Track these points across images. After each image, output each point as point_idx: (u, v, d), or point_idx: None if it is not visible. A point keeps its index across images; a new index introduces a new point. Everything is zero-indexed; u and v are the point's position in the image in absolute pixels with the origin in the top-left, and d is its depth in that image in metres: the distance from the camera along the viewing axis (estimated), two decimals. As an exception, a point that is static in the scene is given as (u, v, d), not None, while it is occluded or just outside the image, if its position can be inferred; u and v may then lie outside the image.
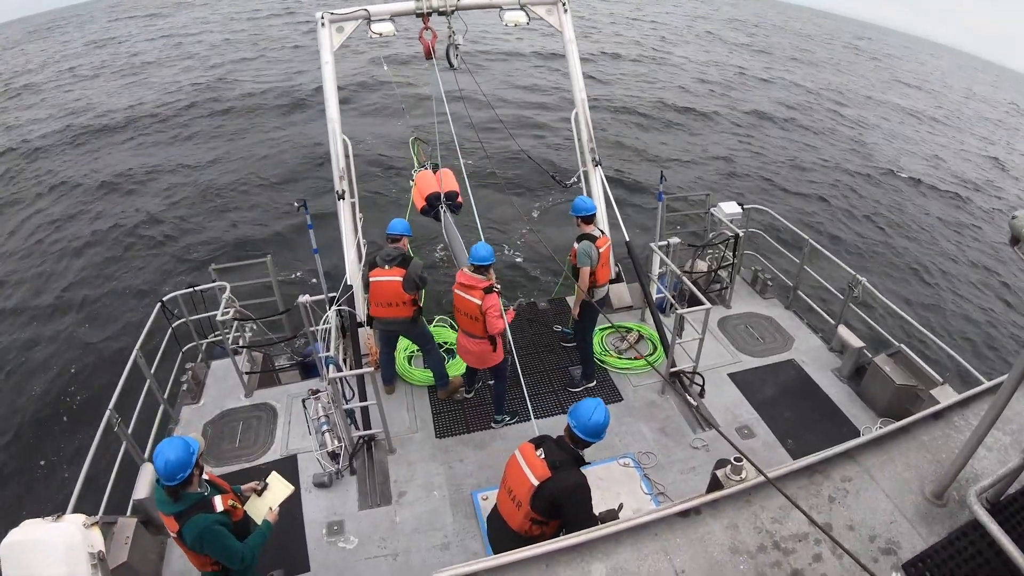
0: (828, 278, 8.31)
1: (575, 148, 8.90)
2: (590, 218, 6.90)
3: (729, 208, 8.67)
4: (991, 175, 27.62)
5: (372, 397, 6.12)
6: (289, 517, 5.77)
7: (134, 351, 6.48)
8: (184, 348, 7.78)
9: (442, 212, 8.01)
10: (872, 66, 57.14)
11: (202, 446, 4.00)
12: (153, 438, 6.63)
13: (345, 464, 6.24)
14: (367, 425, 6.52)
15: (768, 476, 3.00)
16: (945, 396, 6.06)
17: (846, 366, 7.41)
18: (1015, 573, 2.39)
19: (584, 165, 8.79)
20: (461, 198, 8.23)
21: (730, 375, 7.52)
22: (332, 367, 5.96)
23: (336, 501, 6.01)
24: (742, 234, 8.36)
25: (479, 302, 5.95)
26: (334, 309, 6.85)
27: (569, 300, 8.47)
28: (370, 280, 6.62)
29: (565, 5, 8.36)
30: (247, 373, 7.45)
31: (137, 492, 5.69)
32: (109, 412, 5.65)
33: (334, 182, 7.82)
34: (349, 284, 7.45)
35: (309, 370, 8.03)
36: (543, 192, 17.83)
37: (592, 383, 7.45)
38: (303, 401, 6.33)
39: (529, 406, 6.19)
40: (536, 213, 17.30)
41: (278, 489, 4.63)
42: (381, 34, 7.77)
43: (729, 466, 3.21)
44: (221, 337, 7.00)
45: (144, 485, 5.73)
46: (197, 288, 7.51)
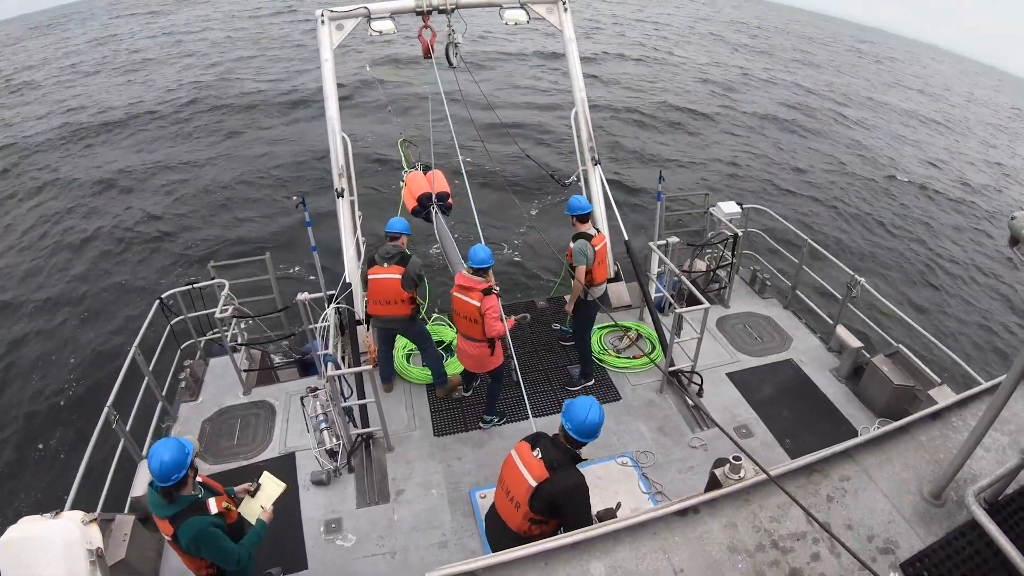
0: (827, 278, 8.31)
1: (574, 147, 8.90)
2: (585, 217, 6.91)
3: (728, 208, 8.66)
4: (992, 178, 27.67)
5: (370, 395, 6.12)
6: (287, 515, 5.77)
7: (132, 348, 6.47)
8: (183, 345, 7.76)
9: (434, 213, 8.00)
10: (874, 69, 57.19)
11: (196, 447, 3.98)
12: (151, 435, 6.62)
13: (343, 462, 6.23)
14: (365, 423, 6.52)
15: (769, 474, 3.00)
16: (943, 397, 6.07)
17: (844, 366, 7.42)
18: (1013, 573, 2.39)
19: (583, 164, 8.80)
20: (452, 199, 8.21)
21: (728, 375, 7.52)
22: (331, 365, 5.96)
23: (334, 499, 6.00)
24: (741, 234, 8.36)
25: (478, 304, 5.94)
26: (333, 307, 6.86)
27: (568, 299, 8.48)
28: (368, 278, 6.62)
29: (565, 4, 8.37)
30: (245, 371, 7.45)
31: (135, 489, 5.69)
32: (107, 409, 5.64)
33: (333, 180, 7.83)
34: (348, 282, 7.44)
35: (307, 368, 8.03)
36: (542, 191, 17.83)
37: (590, 382, 7.45)
38: (301, 399, 6.31)
39: (527, 405, 6.19)
40: (535, 212, 17.31)
41: (271, 488, 4.62)
42: (381, 32, 7.75)
43: (728, 465, 3.21)
44: (219, 334, 7.00)
45: (142, 482, 5.74)
46: (196, 285, 7.50)
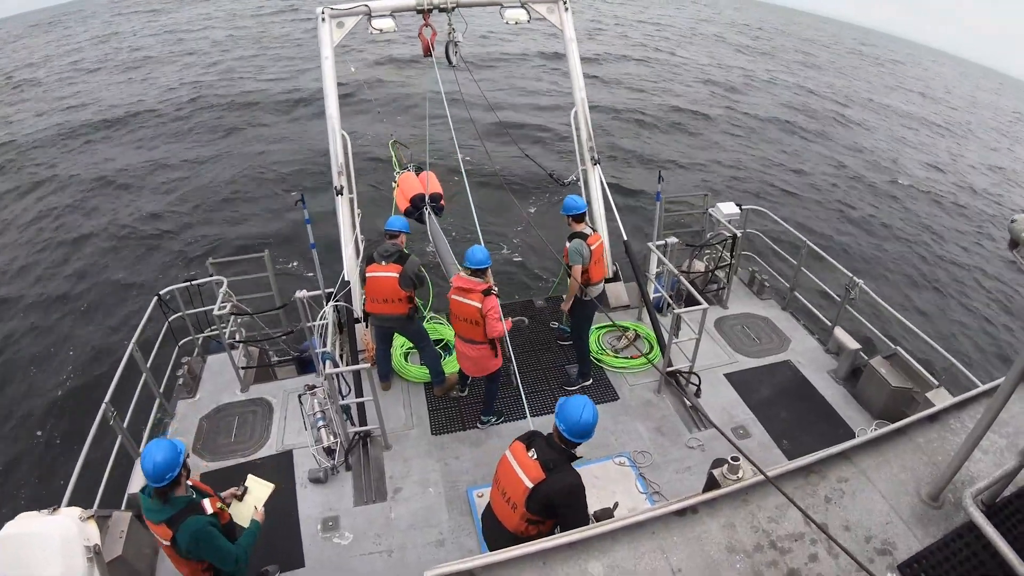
0: (825, 280, 8.32)
1: (574, 147, 8.90)
2: (580, 216, 6.92)
3: (727, 209, 8.66)
4: (992, 182, 27.70)
5: (368, 393, 6.12)
6: (284, 513, 5.78)
7: (130, 345, 6.46)
8: (180, 342, 7.76)
9: (427, 214, 7.99)
10: (875, 71, 57.38)
11: (187, 449, 3.98)
12: (148, 432, 6.61)
13: (341, 460, 6.23)
14: (363, 421, 6.51)
15: (767, 475, 3.01)
16: (940, 399, 6.08)
17: (842, 368, 7.43)
18: (1010, 575, 2.39)
19: (583, 164, 8.80)
20: (444, 200, 8.23)
21: (726, 375, 7.52)
22: (329, 363, 5.96)
23: (331, 497, 6.00)
24: (740, 235, 8.36)
25: (479, 306, 5.90)
26: (331, 305, 6.84)
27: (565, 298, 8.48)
28: (367, 275, 6.62)
29: (566, 4, 8.37)
30: (243, 368, 7.44)
31: (132, 486, 5.69)
32: (104, 405, 5.63)
33: (333, 178, 7.82)
34: (347, 280, 7.44)
35: (305, 365, 8.02)
36: (541, 191, 17.83)
37: (588, 381, 7.46)
38: (299, 396, 6.32)
39: (525, 404, 6.19)
40: (534, 211, 17.31)
41: (259, 490, 4.61)
42: (382, 30, 7.74)
43: (726, 465, 3.21)
44: (218, 331, 6.99)
45: (139, 479, 5.73)
46: (194, 282, 7.49)
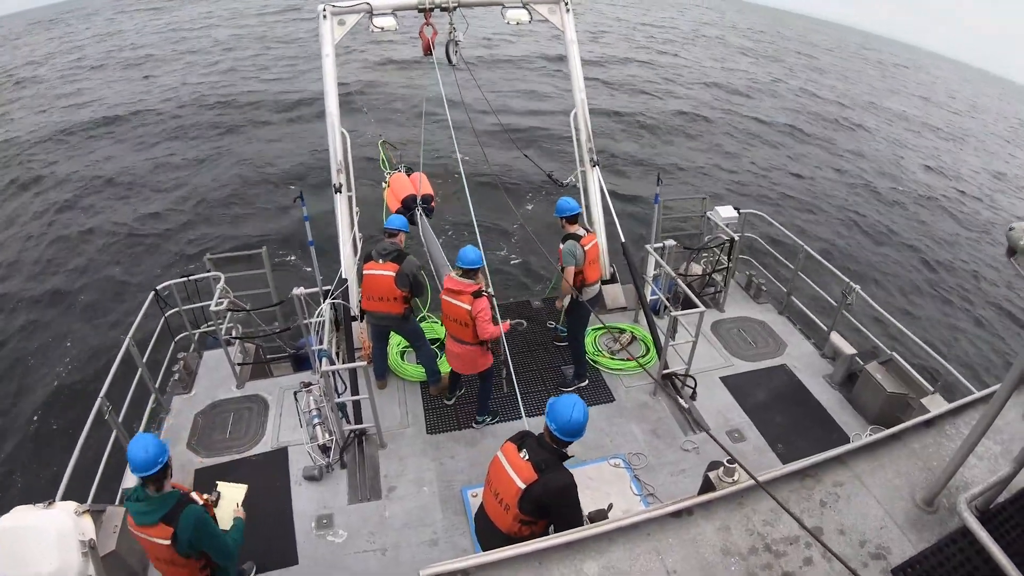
0: (822, 285, 8.34)
1: (573, 149, 8.90)
2: (574, 218, 6.94)
3: (725, 212, 8.68)
4: (992, 188, 27.70)
5: (364, 391, 6.12)
6: (278, 510, 5.78)
7: (126, 339, 6.44)
8: (177, 338, 7.74)
9: (418, 215, 7.98)
10: (877, 75, 57.61)
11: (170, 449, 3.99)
12: (143, 427, 6.59)
13: (336, 458, 6.23)
14: (358, 419, 6.51)
15: (758, 480, 3.01)
16: (936, 405, 6.09)
17: (838, 373, 7.44)
18: None
19: (582, 165, 8.79)
20: (435, 202, 8.27)
21: (722, 379, 7.54)
22: (325, 360, 5.96)
23: (326, 494, 6.00)
24: (737, 238, 8.38)
25: (468, 307, 5.90)
26: (328, 302, 6.83)
27: (564, 300, 8.48)
28: (363, 273, 6.61)
29: (567, 5, 8.36)
30: (239, 364, 7.44)
31: (126, 481, 5.67)
32: (100, 400, 5.62)
33: (332, 175, 7.81)
34: (344, 277, 7.43)
35: (301, 363, 8.02)
36: (540, 192, 17.83)
37: (584, 383, 7.46)
38: (295, 394, 6.32)
39: (521, 405, 6.19)
40: (532, 211, 17.30)
41: (232, 493, 4.59)
42: (383, 28, 7.73)
43: (722, 468, 3.22)
44: (214, 327, 6.99)
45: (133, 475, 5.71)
46: (191, 277, 7.48)
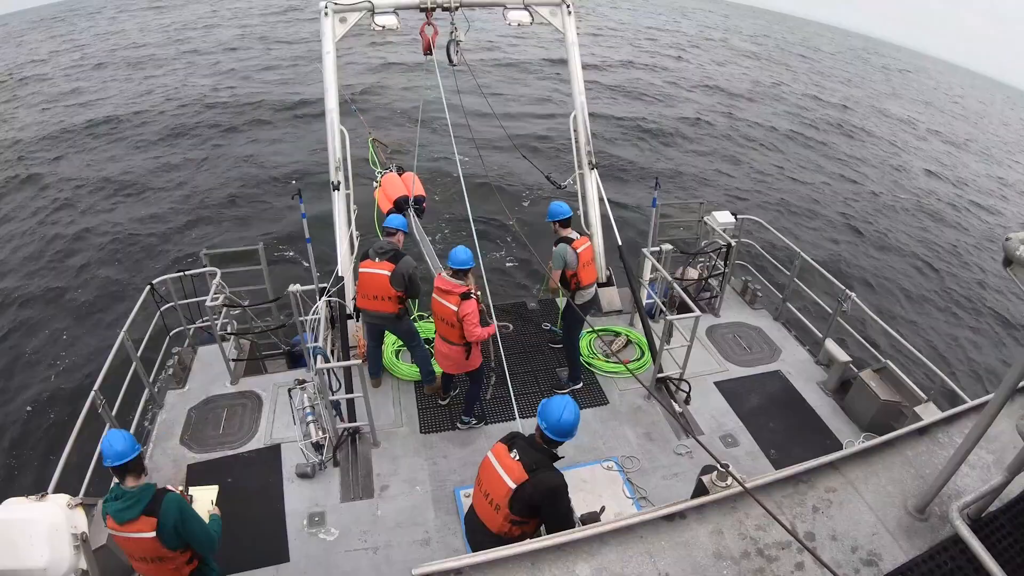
0: (818, 291, 8.36)
1: (572, 150, 8.91)
2: (566, 221, 6.96)
3: (723, 217, 8.69)
4: (992, 194, 27.65)
5: (358, 389, 6.11)
6: (270, 507, 5.77)
7: (121, 333, 6.42)
8: (172, 332, 7.71)
9: (411, 216, 7.98)
10: (881, 78, 57.93)
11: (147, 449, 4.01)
12: (137, 421, 6.58)
13: (329, 456, 6.22)
14: (352, 417, 6.50)
15: (745, 486, 3.02)
16: (929, 413, 6.12)
17: (832, 379, 7.47)
18: None
19: (580, 167, 8.79)
20: (426, 203, 8.28)
21: (716, 383, 7.55)
22: (320, 358, 5.94)
23: (318, 492, 5.99)
24: (734, 244, 8.40)
25: (455, 308, 5.92)
26: (324, 300, 6.82)
27: (559, 302, 8.50)
28: (359, 271, 6.60)
29: (569, 7, 8.36)
30: (234, 360, 7.41)
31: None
32: (94, 393, 5.60)
33: (330, 173, 7.79)
34: (340, 275, 7.42)
35: (296, 360, 8.00)
36: (538, 193, 17.83)
37: (578, 385, 7.47)
38: (289, 391, 6.30)
39: (515, 406, 6.19)
40: (530, 213, 17.28)
41: (204, 495, 4.58)
42: (384, 27, 7.72)
43: (715, 472, 3.22)
44: (209, 323, 6.96)
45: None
46: (187, 272, 7.46)
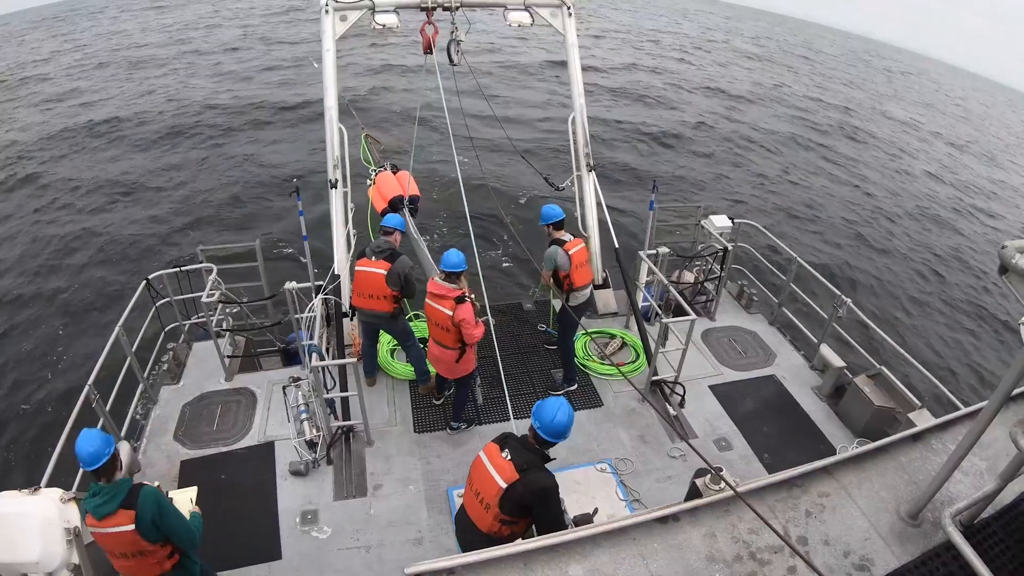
0: (813, 296, 8.38)
1: (570, 153, 8.91)
2: (559, 224, 6.98)
3: (719, 221, 8.71)
4: (992, 200, 27.64)
5: (353, 388, 6.10)
6: (263, 504, 5.75)
7: (116, 328, 6.40)
8: (167, 328, 7.70)
9: (406, 216, 7.98)
10: (883, 82, 57.95)
11: (116, 439, 4.04)
12: (131, 416, 6.56)
13: (322, 454, 6.21)
14: (347, 416, 6.49)
15: (739, 491, 3.02)
16: (923, 420, 6.12)
17: (826, 385, 7.48)
18: None
19: (578, 169, 8.79)
20: (419, 202, 8.33)
21: (711, 387, 7.56)
22: (315, 355, 5.93)
23: (312, 490, 5.98)
24: (731, 248, 8.41)
25: (450, 313, 5.87)
26: (320, 297, 6.81)
27: (554, 303, 8.50)
28: (355, 269, 6.60)
29: (569, 9, 8.36)
30: (229, 357, 7.40)
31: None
32: (88, 387, 5.58)
33: (327, 170, 7.78)
34: (337, 273, 7.41)
35: (291, 357, 7.99)
36: (535, 194, 17.81)
37: (573, 387, 7.47)
38: (283, 388, 6.28)
39: (509, 407, 6.19)
40: (528, 214, 17.27)
41: (183, 496, 4.56)
42: (384, 25, 7.71)
43: (709, 475, 3.23)
44: (205, 319, 6.95)
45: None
46: (184, 268, 7.44)
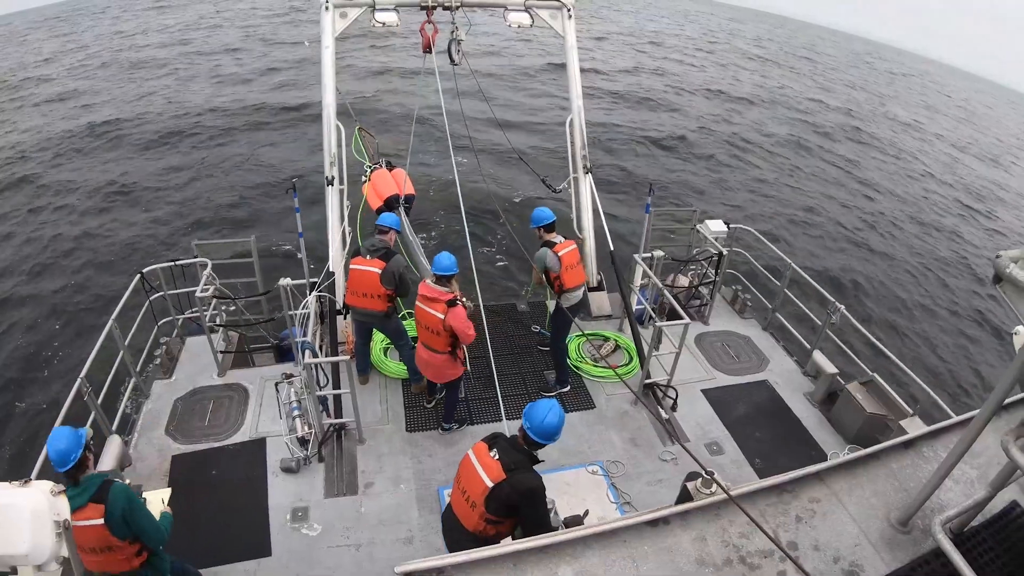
0: (807, 303, 8.40)
1: (567, 154, 8.92)
2: (550, 226, 6.99)
3: (715, 226, 8.74)
4: (991, 204, 27.65)
5: (346, 385, 6.09)
6: (253, 501, 5.74)
7: (109, 321, 6.39)
8: (160, 322, 7.67)
9: (401, 215, 7.98)
10: (885, 81, 58.27)
11: (89, 434, 4.06)
12: (123, 410, 6.53)
13: (314, 451, 6.20)
14: (339, 413, 6.48)
15: (731, 495, 3.02)
16: (914, 427, 6.16)
17: (819, 391, 7.50)
18: None
19: (575, 172, 8.81)
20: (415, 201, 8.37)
21: (703, 391, 7.57)
22: (308, 352, 5.92)
23: (302, 487, 5.96)
24: (726, 252, 8.43)
25: (441, 317, 5.82)
26: (314, 294, 6.80)
27: (548, 304, 8.51)
28: (350, 267, 6.58)
29: (570, 11, 8.38)
30: (222, 352, 7.39)
31: (102, 464, 5.60)
32: (80, 381, 5.56)
33: (324, 168, 7.77)
34: (331, 271, 7.40)
35: (284, 354, 7.98)
36: (533, 196, 17.82)
37: (566, 388, 7.47)
38: (276, 384, 6.28)
39: (502, 407, 6.19)
40: (525, 215, 17.25)
41: (156, 496, 4.58)
42: (384, 23, 7.71)
43: (700, 479, 3.23)
44: (198, 314, 6.93)
45: (110, 458, 5.66)
46: (178, 262, 7.42)
